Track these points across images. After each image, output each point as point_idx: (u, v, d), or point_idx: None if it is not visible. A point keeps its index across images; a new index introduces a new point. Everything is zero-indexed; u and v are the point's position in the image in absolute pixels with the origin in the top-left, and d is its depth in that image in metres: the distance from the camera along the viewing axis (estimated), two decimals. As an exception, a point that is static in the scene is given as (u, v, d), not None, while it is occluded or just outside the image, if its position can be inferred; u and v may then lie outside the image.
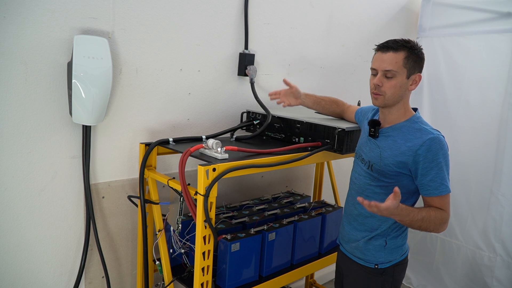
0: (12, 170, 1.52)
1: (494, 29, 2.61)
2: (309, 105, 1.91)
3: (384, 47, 1.45)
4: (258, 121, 2.01)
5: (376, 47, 1.48)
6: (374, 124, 1.53)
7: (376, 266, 1.55)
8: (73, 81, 1.48)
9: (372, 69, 1.48)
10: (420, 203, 1.50)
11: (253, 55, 2.13)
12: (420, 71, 1.46)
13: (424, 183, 1.41)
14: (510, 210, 2.54)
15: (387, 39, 1.46)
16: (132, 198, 1.78)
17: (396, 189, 1.25)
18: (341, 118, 1.93)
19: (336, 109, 1.91)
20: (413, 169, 1.42)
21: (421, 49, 1.46)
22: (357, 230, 1.59)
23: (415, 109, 1.53)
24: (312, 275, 2.72)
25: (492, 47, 2.61)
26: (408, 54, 1.42)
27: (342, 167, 2.62)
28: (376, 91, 1.46)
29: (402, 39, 1.44)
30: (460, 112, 2.77)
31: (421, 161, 1.39)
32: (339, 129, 1.70)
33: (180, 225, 1.68)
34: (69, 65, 1.51)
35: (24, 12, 1.44)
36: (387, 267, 1.55)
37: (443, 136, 1.43)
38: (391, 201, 1.25)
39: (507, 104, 2.52)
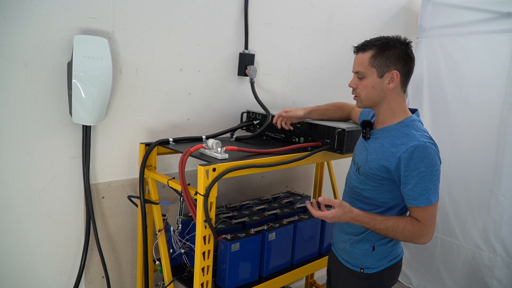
0: (12, 170, 1.52)
1: (494, 29, 2.60)
2: (316, 118, 1.85)
3: (355, 49, 1.43)
4: (258, 121, 2.02)
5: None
6: (365, 125, 1.50)
7: (362, 271, 1.50)
8: (73, 81, 1.48)
9: None
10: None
11: (253, 55, 2.13)
12: (398, 68, 1.36)
13: (404, 192, 1.36)
14: (510, 210, 2.53)
15: None
16: (132, 198, 1.78)
17: (321, 199, 1.34)
18: (350, 120, 1.88)
19: (342, 114, 1.87)
20: (396, 176, 1.37)
21: (400, 44, 1.37)
22: (344, 232, 1.57)
23: (414, 110, 1.47)
24: (312, 275, 2.72)
25: (492, 47, 2.61)
26: (376, 52, 1.36)
27: (342, 167, 2.61)
28: (353, 93, 1.47)
29: (376, 38, 1.39)
30: (460, 112, 2.76)
31: (402, 168, 1.33)
32: (339, 129, 1.70)
33: (180, 225, 1.68)
34: (69, 65, 1.51)
35: (24, 12, 1.44)
36: (373, 272, 1.49)
37: (433, 144, 1.34)
38: (335, 210, 1.34)
39: (507, 104, 2.51)
